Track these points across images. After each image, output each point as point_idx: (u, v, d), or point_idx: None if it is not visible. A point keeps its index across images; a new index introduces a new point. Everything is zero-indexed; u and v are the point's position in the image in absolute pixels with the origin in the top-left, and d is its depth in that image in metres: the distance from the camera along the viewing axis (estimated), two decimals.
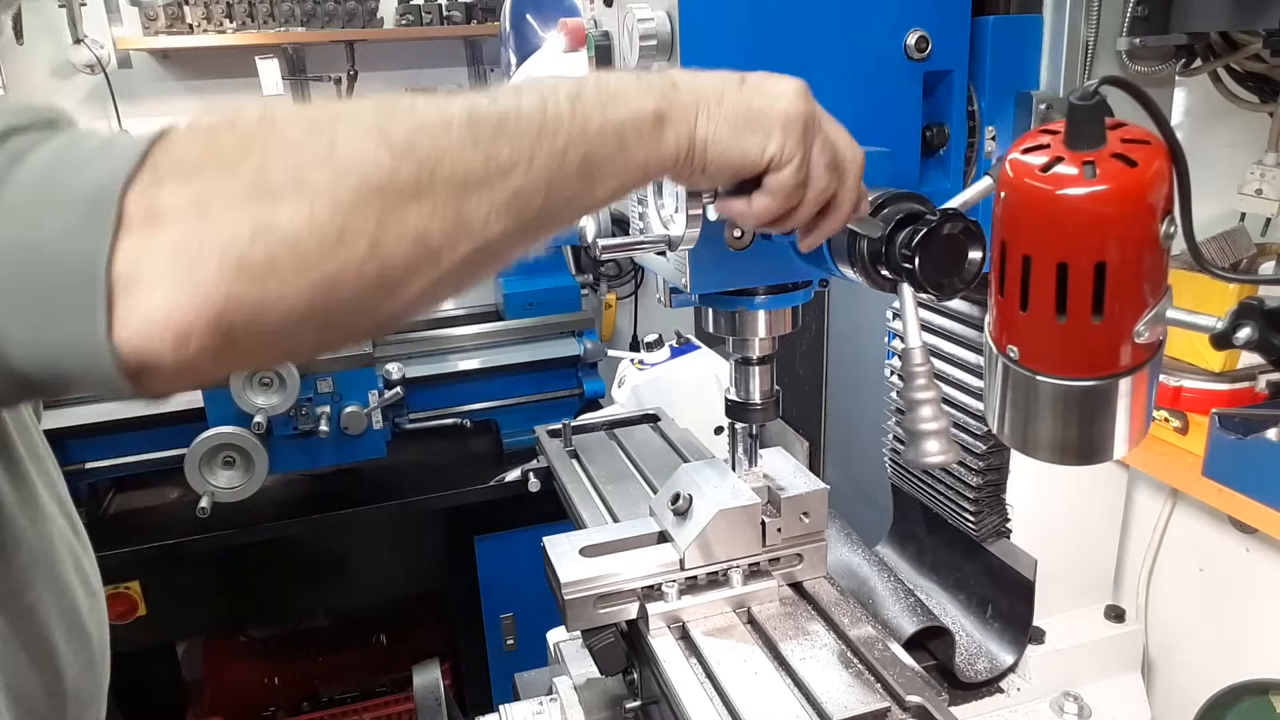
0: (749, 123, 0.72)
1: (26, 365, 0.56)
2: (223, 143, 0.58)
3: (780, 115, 0.72)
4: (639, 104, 0.69)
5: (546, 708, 1.18)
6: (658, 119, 0.69)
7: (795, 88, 0.73)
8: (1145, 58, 0.94)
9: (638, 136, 0.69)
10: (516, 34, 2.36)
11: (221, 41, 3.08)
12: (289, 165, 0.56)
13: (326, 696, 3.00)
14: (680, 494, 1.07)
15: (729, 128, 0.71)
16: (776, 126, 0.72)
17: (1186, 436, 1.27)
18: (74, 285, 0.53)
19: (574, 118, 0.66)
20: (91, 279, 0.52)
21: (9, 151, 0.56)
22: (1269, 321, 0.65)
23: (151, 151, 0.56)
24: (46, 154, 0.57)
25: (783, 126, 0.72)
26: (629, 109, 0.68)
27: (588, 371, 2.66)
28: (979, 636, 1.32)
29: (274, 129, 0.58)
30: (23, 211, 0.54)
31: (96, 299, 0.52)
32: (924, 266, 0.77)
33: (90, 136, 0.59)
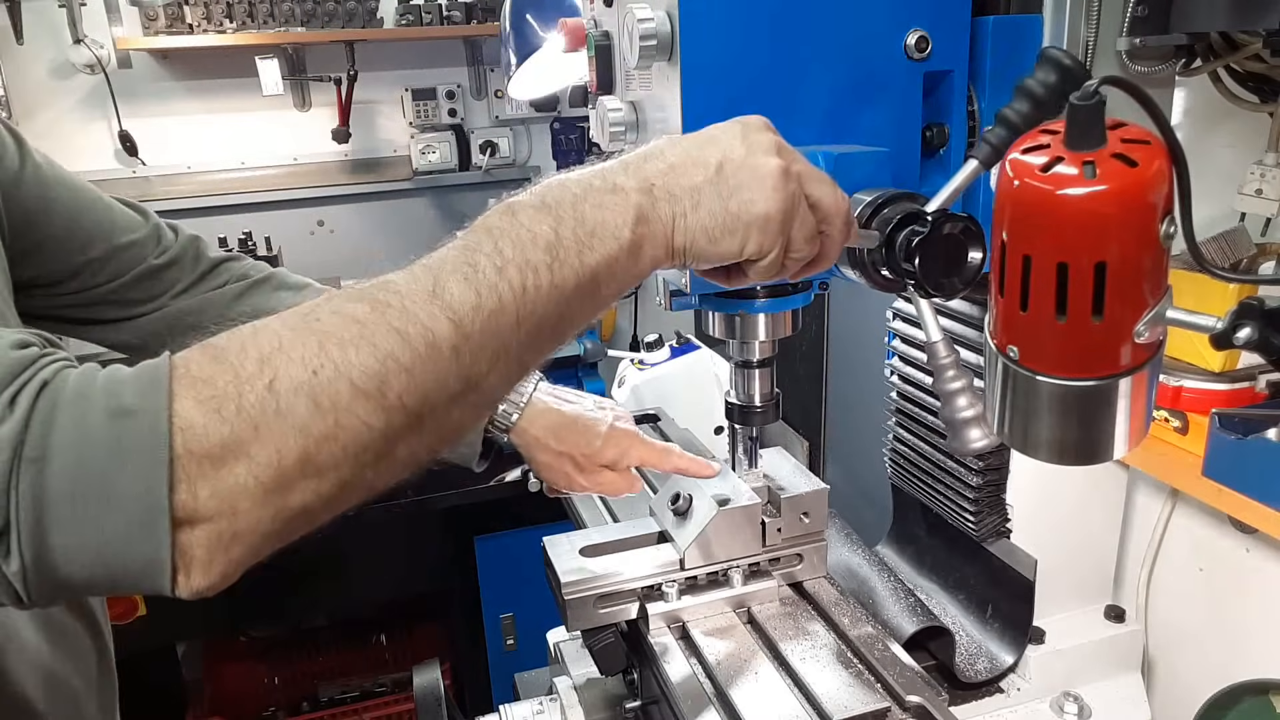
0: (726, 228, 0.72)
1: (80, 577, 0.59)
2: (228, 415, 0.59)
3: (759, 218, 0.72)
4: (617, 235, 0.69)
5: (546, 708, 1.18)
6: (635, 246, 0.70)
7: (775, 175, 0.72)
8: (1145, 58, 0.94)
9: (611, 272, 0.69)
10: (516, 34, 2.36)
11: (221, 41, 3.08)
12: (299, 450, 0.60)
13: (326, 696, 3.01)
14: (680, 494, 1.07)
15: (706, 237, 0.72)
16: (754, 229, 0.72)
17: (1186, 436, 1.27)
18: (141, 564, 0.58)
19: (553, 286, 0.66)
20: (156, 561, 0.58)
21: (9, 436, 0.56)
22: (1269, 321, 0.65)
23: (174, 434, 0.57)
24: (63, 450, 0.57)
25: (760, 228, 0.72)
26: (607, 248, 0.68)
27: (588, 371, 2.66)
28: (979, 636, 1.32)
29: (278, 397, 0.59)
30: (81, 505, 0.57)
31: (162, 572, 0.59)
32: (924, 267, 0.77)
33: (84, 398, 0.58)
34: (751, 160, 0.72)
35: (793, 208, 0.73)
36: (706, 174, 0.72)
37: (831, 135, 0.89)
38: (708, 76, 0.85)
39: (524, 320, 0.65)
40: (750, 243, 0.73)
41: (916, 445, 1.37)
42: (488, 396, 0.67)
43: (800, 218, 0.74)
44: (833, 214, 0.76)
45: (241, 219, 3.27)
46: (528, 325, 0.66)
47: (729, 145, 0.73)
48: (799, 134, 0.88)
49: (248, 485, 0.59)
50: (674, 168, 0.72)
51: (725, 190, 0.71)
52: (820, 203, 0.75)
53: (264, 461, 0.59)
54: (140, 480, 0.56)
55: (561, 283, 0.67)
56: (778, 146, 0.74)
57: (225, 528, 0.59)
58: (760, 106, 0.87)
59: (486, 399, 0.67)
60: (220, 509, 0.59)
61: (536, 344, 0.68)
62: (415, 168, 3.46)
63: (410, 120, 3.45)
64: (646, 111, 0.94)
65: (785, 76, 0.87)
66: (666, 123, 0.89)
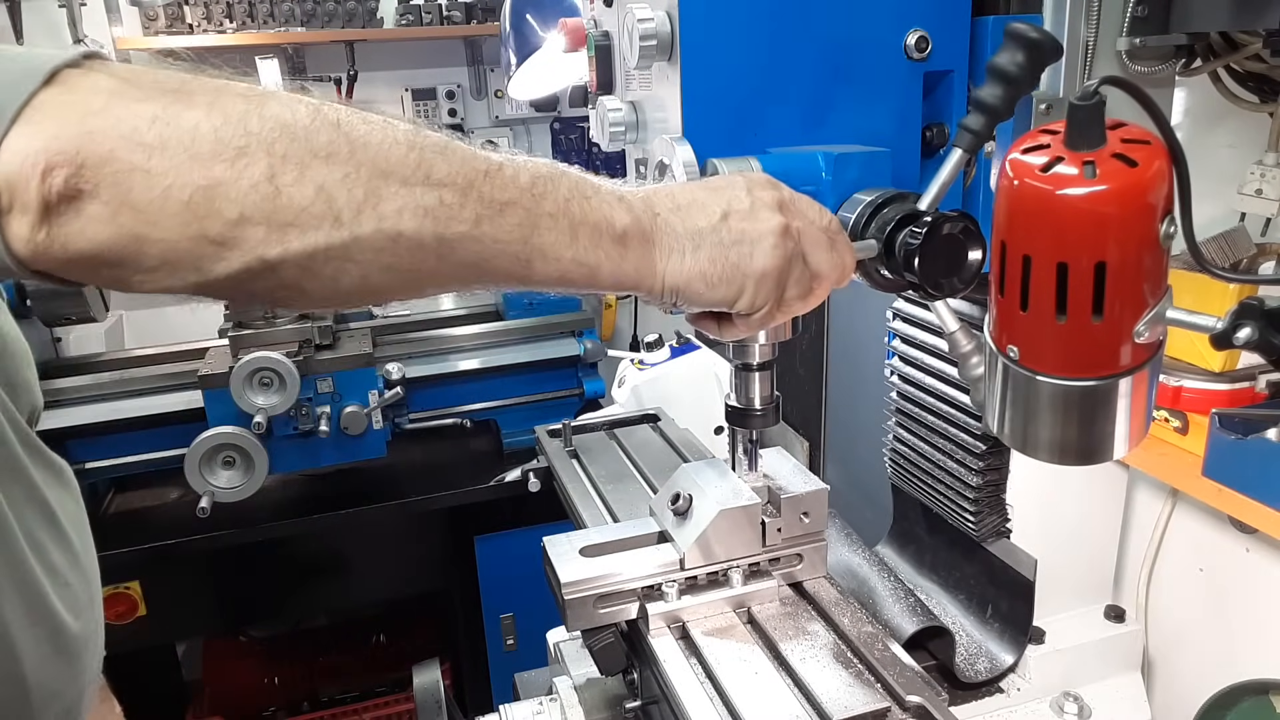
0: (723, 277, 0.73)
1: None
2: (160, 72, 0.60)
3: (756, 272, 0.73)
4: (607, 213, 0.70)
5: (546, 708, 1.18)
6: (623, 239, 0.70)
7: (776, 233, 0.73)
8: (1145, 58, 0.94)
9: (593, 240, 0.69)
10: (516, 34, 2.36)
11: (221, 41, 3.08)
12: (215, 95, 0.59)
13: (326, 696, 3.01)
14: (680, 494, 1.07)
15: (703, 281, 0.73)
16: (751, 282, 0.73)
17: (1186, 436, 1.27)
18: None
19: (529, 189, 0.67)
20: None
21: None
22: (1269, 321, 0.65)
23: (88, 60, 0.59)
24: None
25: (756, 282, 0.73)
26: (594, 214, 0.69)
27: (588, 371, 2.66)
28: (979, 636, 1.32)
29: (216, 79, 0.61)
30: None
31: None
32: (924, 267, 0.77)
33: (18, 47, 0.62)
34: (755, 214, 0.73)
35: (790, 266, 0.74)
36: (710, 220, 0.72)
37: (831, 135, 0.89)
38: (708, 76, 0.85)
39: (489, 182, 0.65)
40: (745, 296, 0.74)
41: (916, 445, 1.37)
42: (420, 203, 0.63)
43: (796, 276, 0.75)
44: (827, 277, 0.77)
45: None
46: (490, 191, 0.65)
47: (735, 197, 0.74)
48: (798, 133, 0.88)
49: (146, 87, 0.58)
50: (680, 208, 0.73)
51: (727, 239, 0.72)
52: (818, 268, 0.76)
53: (174, 85, 0.59)
54: (27, 62, 0.56)
55: (539, 196, 0.67)
56: (781, 203, 0.75)
57: (98, 101, 0.56)
58: (760, 106, 0.87)
59: (418, 205, 0.63)
60: (105, 88, 0.57)
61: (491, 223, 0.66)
62: None
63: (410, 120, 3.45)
64: (646, 111, 0.94)
65: (785, 76, 0.87)
66: (666, 123, 0.89)
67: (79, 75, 0.58)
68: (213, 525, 2.21)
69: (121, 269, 0.59)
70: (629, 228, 0.70)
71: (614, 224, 0.70)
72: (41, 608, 0.92)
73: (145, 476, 2.41)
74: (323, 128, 0.61)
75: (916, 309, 1.35)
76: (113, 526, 2.37)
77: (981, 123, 0.78)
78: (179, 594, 2.38)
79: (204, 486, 2.16)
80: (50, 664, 0.93)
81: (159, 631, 2.41)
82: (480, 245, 0.66)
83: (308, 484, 2.48)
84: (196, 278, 0.60)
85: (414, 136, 0.64)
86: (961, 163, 0.80)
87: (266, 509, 2.34)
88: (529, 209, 0.67)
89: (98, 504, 2.44)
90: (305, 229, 0.60)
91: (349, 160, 0.61)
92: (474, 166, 0.65)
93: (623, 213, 0.70)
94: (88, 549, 1.03)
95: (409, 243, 0.63)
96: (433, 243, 0.64)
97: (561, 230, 0.68)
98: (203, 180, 0.57)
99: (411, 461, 2.57)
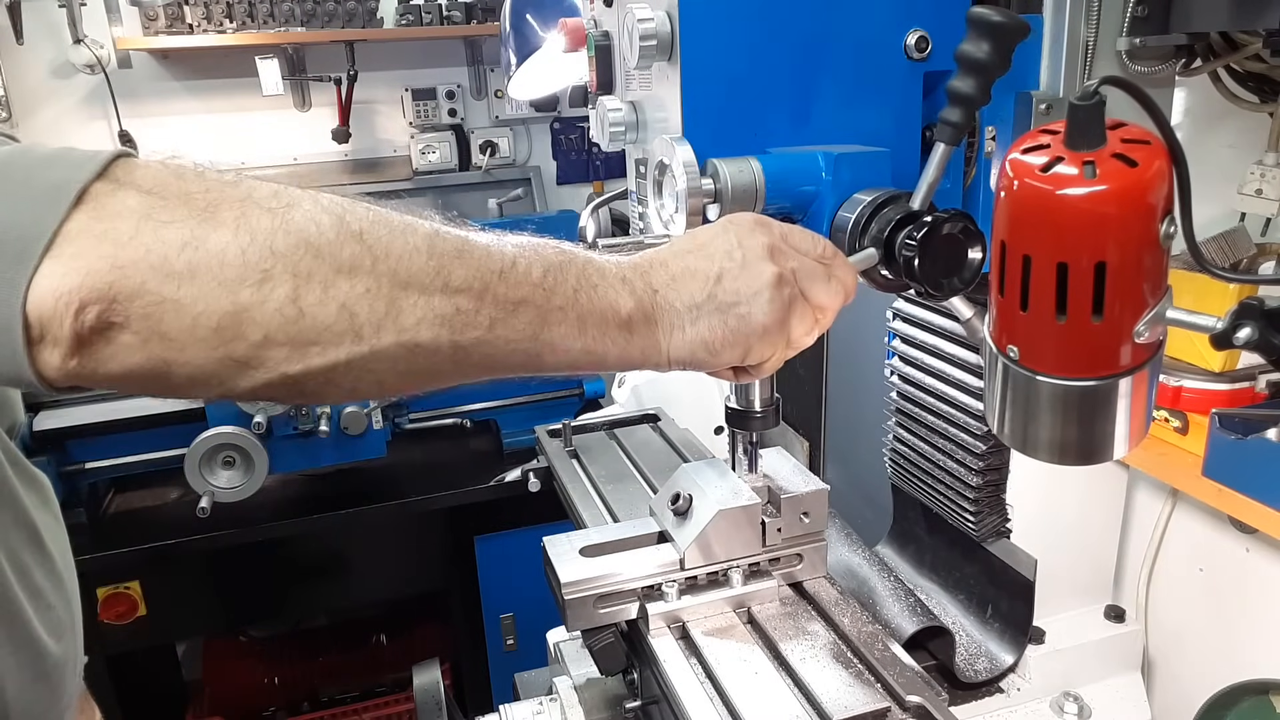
0: (727, 342, 0.73)
1: None
2: (186, 178, 0.60)
3: (758, 330, 0.73)
4: (612, 300, 0.71)
5: (546, 708, 1.18)
6: (628, 324, 0.71)
7: (771, 286, 0.73)
8: (1145, 58, 0.94)
9: (601, 329, 0.70)
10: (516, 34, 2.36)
11: (221, 41, 3.08)
12: (241, 208, 0.59)
13: (326, 696, 3.00)
14: (680, 494, 1.07)
15: (706, 350, 0.73)
16: (754, 339, 0.74)
17: (1186, 436, 1.27)
18: (6, 255, 0.55)
19: (540, 284, 0.68)
20: (24, 250, 0.54)
21: None
22: (1269, 321, 0.65)
23: (113, 167, 0.59)
24: (2, 153, 0.59)
25: (760, 338, 0.74)
26: (601, 302, 0.70)
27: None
28: (979, 636, 1.32)
29: (240, 184, 0.61)
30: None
31: (25, 264, 0.54)
32: (924, 267, 0.77)
33: (45, 145, 0.61)
34: (748, 270, 0.73)
35: (790, 312, 0.75)
36: (705, 288, 0.73)
37: (831, 135, 0.89)
38: (708, 76, 0.85)
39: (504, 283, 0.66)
40: (751, 354, 0.75)
41: (916, 445, 1.37)
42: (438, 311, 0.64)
43: (798, 316, 0.75)
44: (830, 306, 0.77)
45: None
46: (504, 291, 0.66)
47: (726, 253, 0.74)
48: (799, 134, 0.88)
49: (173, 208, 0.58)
50: (676, 279, 0.74)
51: (725, 303, 0.73)
52: (819, 301, 0.76)
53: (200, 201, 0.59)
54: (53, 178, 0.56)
55: (549, 292, 0.68)
56: (771, 250, 0.75)
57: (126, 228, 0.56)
58: (760, 106, 0.87)
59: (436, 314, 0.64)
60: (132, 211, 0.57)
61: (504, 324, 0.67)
62: (415, 168, 3.46)
63: (410, 120, 3.45)
64: (646, 111, 0.94)
65: (785, 76, 0.87)
66: (666, 123, 0.89)
67: (108, 194, 0.57)
68: (213, 525, 2.21)
69: (149, 386, 0.61)
70: (633, 312, 0.71)
71: (619, 310, 0.71)
72: (24, 635, 0.93)
73: (145, 476, 2.41)
74: (346, 241, 0.61)
75: (916, 309, 1.35)
76: (113, 526, 2.37)
77: (959, 114, 0.78)
78: (179, 594, 2.38)
79: (204, 486, 2.16)
80: (31, 690, 0.93)
81: (159, 631, 2.41)
82: (493, 347, 0.68)
83: (308, 484, 2.48)
84: (221, 391, 0.62)
85: (434, 240, 0.65)
86: (947, 157, 0.80)
87: (266, 509, 2.34)
88: (540, 305, 0.68)
89: (98, 504, 2.43)
90: (327, 346, 0.62)
91: (371, 272, 0.62)
92: (489, 267, 0.66)
93: (626, 296, 0.71)
94: (69, 566, 1.04)
95: (425, 351, 0.65)
96: (448, 349, 0.66)
97: (570, 323, 0.69)
98: (230, 306, 0.58)
99: (411, 461, 2.57)
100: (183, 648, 3.08)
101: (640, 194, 0.96)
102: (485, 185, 3.47)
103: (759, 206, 0.84)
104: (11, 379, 0.57)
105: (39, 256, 0.55)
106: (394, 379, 0.66)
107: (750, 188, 0.83)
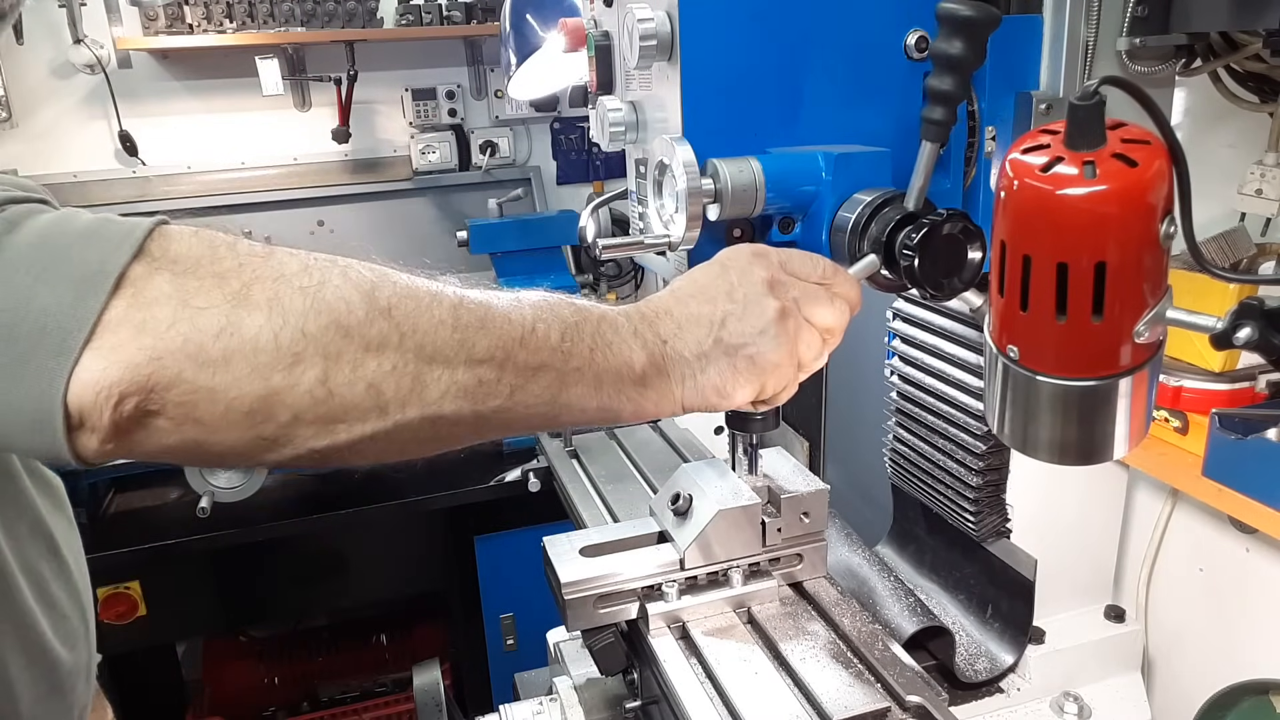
0: (737, 384, 0.74)
1: None
2: (220, 255, 0.61)
3: (768, 368, 0.75)
4: (626, 357, 0.72)
5: (546, 708, 1.18)
6: (642, 379, 0.72)
7: (775, 323, 0.74)
8: (1145, 58, 0.94)
9: (616, 386, 0.71)
10: (516, 34, 2.36)
11: (221, 41, 3.08)
12: (274, 288, 0.60)
13: (326, 696, 3.01)
14: (680, 494, 1.07)
15: (717, 394, 0.74)
16: (766, 375, 0.75)
17: (1186, 436, 1.27)
18: (48, 345, 0.56)
19: (559, 348, 0.69)
20: (65, 341, 0.56)
21: (4, 219, 0.59)
22: (1269, 321, 0.65)
23: (149, 243, 0.60)
24: (42, 224, 0.60)
25: (771, 373, 0.75)
26: (616, 360, 0.71)
27: None
28: (979, 636, 1.32)
29: (272, 258, 0.62)
30: (15, 277, 0.57)
31: (66, 356, 0.56)
32: (924, 266, 0.77)
33: (81, 214, 0.62)
34: (750, 309, 0.74)
35: (797, 342, 0.75)
36: (711, 334, 0.74)
37: (831, 135, 0.89)
38: (708, 76, 0.85)
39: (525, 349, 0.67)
40: (766, 388, 0.76)
41: (916, 445, 1.36)
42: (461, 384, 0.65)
43: (805, 343, 0.76)
44: (837, 325, 0.78)
45: (241, 219, 3.26)
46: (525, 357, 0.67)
47: (727, 293, 0.75)
48: (799, 134, 0.88)
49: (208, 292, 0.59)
50: (682, 328, 0.74)
51: (731, 347, 0.74)
52: (824, 323, 0.77)
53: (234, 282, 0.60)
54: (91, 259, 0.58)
55: (566, 354, 0.69)
56: (770, 284, 0.75)
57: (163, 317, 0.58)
58: (760, 106, 0.87)
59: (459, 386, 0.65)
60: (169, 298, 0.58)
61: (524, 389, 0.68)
62: (415, 168, 3.46)
63: (410, 120, 3.45)
64: (646, 111, 0.94)
65: (785, 76, 0.87)
66: (666, 123, 0.89)
67: (145, 277, 0.58)
68: (213, 525, 2.21)
69: (181, 459, 0.63)
70: (646, 366, 0.72)
71: (633, 366, 0.72)
72: (39, 647, 0.94)
73: (145, 476, 2.41)
74: (375, 319, 0.62)
75: (917, 309, 1.35)
76: (113, 526, 2.37)
77: (940, 111, 0.78)
78: (179, 594, 2.38)
79: (204, 486, 2.16)
80: (45, 701, 0.95)
81: (159, 631, 2.41)
82: (513, 413, 0.69)
83: (308, 484, 2.48)
84: (249, 463, 0.65)
85: (458, 311, 0.66)
86: (934, 155, 0.80)
87: (266, 509, 2.34)
88: (559, 369, 0.69)
89: (98, 504, 2.43)
90: (353, 423, 0.63)
91: (398, 348, 0.63)
92: (510, 334, 0.67)
93: (639, 350, 0.72)
94: (82, 571, 1.04)
95: (448, 421, 0.67)
96: (470, 419, 0.67)
97: (587, 384, 0.70)
98: (262, 390, 0.60)
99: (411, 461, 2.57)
100: (183, 648, 3.08)
101: (640, 194, 0.96)
102: (485, 185, 3.46)
103: (759, 207, 0.84)
104: (49, 460, 0.59)
105: (80, 348, 0.56)
106: (416, 446, 0.68)
107: (750, 188, 0.83)
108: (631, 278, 3.69)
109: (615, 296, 3.65)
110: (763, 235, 0.88)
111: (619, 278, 3.67)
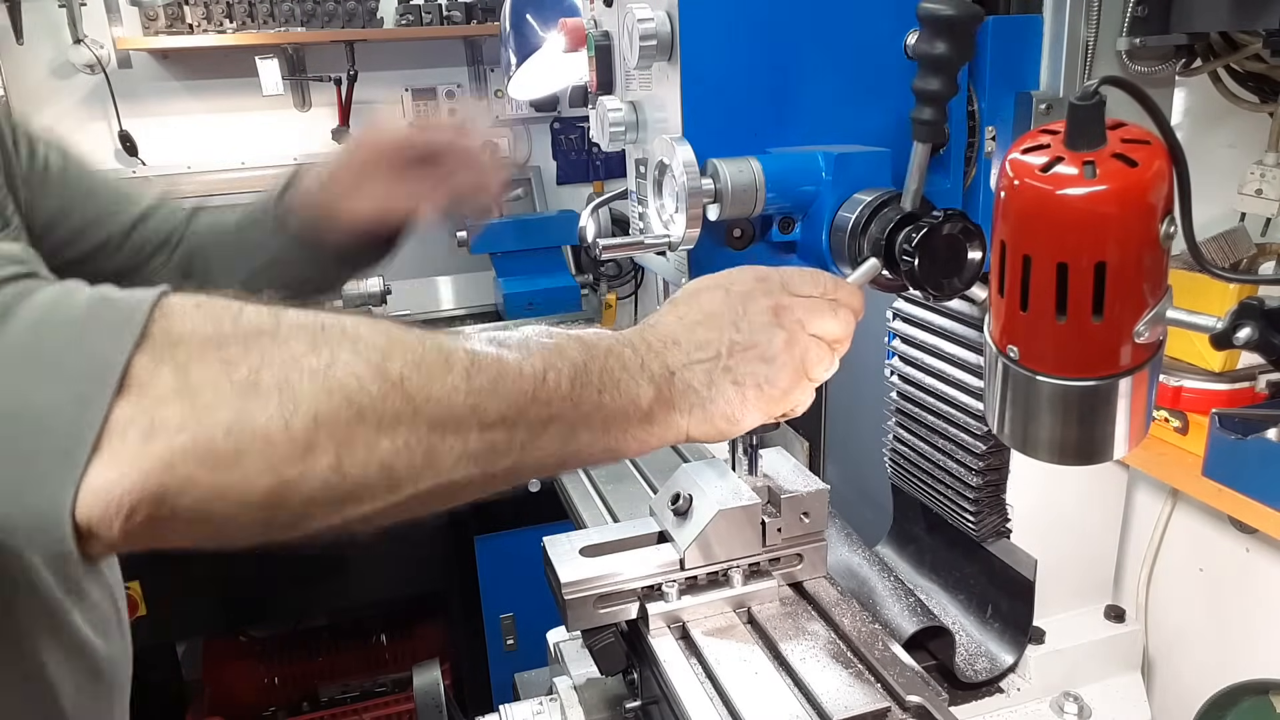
0: (747, 411, 0.74)
1: None
2: (225, 333, 0.59)
3: (777, 396, 0.74)
4: (634, 395, 0.71)
5: (546, 708, 1.18)
6: (649, 416, 0.71)
7: (782, 349, 0.74)
8: (1145, 58, 0.94)
9: (623, 427, 0.71)
10: (516, 34, 2.35)
11: (221, 41, 3.08)
12: (282, 372, 0.58)
13: (326, 696, 3.01)
14: (680, 494, 1.07)
15: (728, 422, 0.74)
16: (777, 399, 0.75)
17: (1186, 436, 1.27)
18: (53, 449, 0.54)
19: (569, 396, 0.68)
20: (71, 448, 0.54)
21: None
22: (1269, 321, 0.65)
23: (150, 326, 0.57)
24: (38, 310, 0.57)
25: (782, 399, 0.75)
26: (624, 399, 0.70)
27: None
28: (979, 636, 1.32)
29: (279, 334, 0.60)
30: (13, 374, 0.55)
31: (73, 465, 0.54)
32: (924, 267, 0.77)
33: (76, 292, 0.59)
34: (756, 339, 0.74)
35: (805, 361, 0.75)
36: (720, 362, 0.73)
37: (832, 135, 0.89)
38: (708, 76, 0.85)
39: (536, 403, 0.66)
40: (778, 410, 0.76)
41: (916, 445, 1.36)
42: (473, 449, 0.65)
43: (814, 358, 0.75)
44: (844, 338, 0.78)
45: None
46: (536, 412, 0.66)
47: (732, 327, 0.74)
48: (798, 133, 0.88)
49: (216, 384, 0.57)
50: (690, 356, 0.74)
51: (741, 375, 0.73)
52: (830, 335, 0.77)
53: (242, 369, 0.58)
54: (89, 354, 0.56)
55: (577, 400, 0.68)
56: (775, 311, 0.75)
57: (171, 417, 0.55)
58: (760, 106, 0.87)
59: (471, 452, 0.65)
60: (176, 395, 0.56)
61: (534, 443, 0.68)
62: None
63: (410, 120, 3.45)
64: (646, 111, 0.94)
65: (785, 76, 0.87)
66: (666, 123, 0.89)
67: (149, 371, 0.56)
68: None
69: (189, 547, 0.61)
70: (653, 402, 0.71)
71: (640, 404, 0.71)
72: (75, 641, 0.94)
73: None
74: (389, 394, 0.61)
75: (917, 309, 1.35)
76: None
77: (929, 111, 0.78)
78: (179, 594, 2.38)
79: None
80: (86, 693, 0.95)
81: (159, 631, 2.41)
82: (522, 467, 0.68)
83: None
84: (261, 542, 0.63)
85: (470, 373, 0.64)
86: (927, 156, 0.80)
87: None
88: (569, 419, 0.68)
89: None
90: (365, 501, 0.63)
91: (411, 422, 0.62)
92: (522, 390, 0.66)
93: (646, 385, 0.71)
94: (109, 562, 1.04)
95: (459, 486, 0.66)
96: (480, 480, 0.67)
97: (595, 429, 0.70)
98: (275, 483, 0.58)
99: None
100: (183, 648, 3.08)
101: (640, 194, 0.96)
102: None
103: (759, 207, 0.84)
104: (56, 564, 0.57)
105: (87, 456, 0.54)
106: (425, 509, 0.67)
107: (750, 188, 0.83)
108: (631, 278, 3.69)
109: (615, 296, 3.65)
110: (763, 235, 0.88)
111: (619, 278, 3.67)
